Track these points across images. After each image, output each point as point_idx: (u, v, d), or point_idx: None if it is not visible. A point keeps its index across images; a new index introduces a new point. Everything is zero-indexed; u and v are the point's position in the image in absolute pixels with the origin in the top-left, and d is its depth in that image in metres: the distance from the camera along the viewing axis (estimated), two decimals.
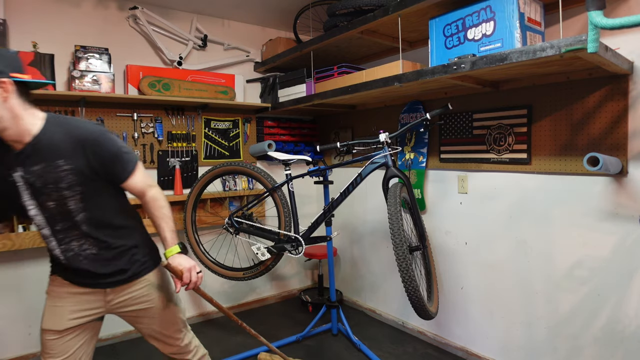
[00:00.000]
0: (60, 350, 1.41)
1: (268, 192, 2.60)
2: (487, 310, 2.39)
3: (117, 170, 1.35)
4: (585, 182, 1.94)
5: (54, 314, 1.42)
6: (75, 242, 1.36)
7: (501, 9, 1.75)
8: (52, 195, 1.27)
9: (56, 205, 1.29)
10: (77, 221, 1.33)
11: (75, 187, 1.28)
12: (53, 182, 1.25)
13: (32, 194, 1.27)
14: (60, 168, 1.25)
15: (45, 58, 2.41)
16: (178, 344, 1.62)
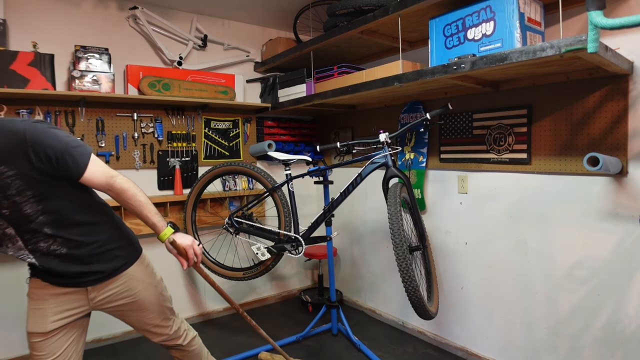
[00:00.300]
0: (48, 351, 1.39)
1: (268, 192, 2.60)
2: (487, 310, 2.39)
3: (69, 167, 1.24)
4: (585, 182, 1.94)
5: (37, 316, 1.39)
6: (43, 242, 1.30)
7: (501, 9, 1.75)
8: (3, 204, 1.19)
9: (10, 212, 1.21)
10: (38, 224, 1.26)
11: (25, 192, 1.19)
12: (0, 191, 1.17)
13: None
14: (3, 175, 1.15)
15: (45, 58, 2.41)
16: (167, 332, 1.62)
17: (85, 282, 1.42)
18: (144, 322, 1.58)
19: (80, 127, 2.63)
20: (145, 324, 1.58)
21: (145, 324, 1.58)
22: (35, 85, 2.37)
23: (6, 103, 2.40)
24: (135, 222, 2.63)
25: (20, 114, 2.43)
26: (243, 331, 2.95)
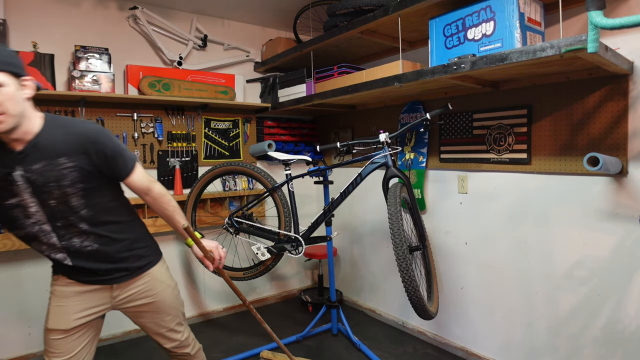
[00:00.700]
0: (66, 349, 1.41)
1: (268, 192, 2.60)
2: (487, 310, 2.39)
3: (119, 167, 1.37)
4: (585, 182, 1.94)
5: (60, 313, 1.41)
6: (77, 238, 1.36)
7: (501, 9, 1.75)
8: (54, 193, 1.28)
9: (58, 203, 1.29)
10: (78, 217, 1.33)
11: (77, 184, 1.30)
12: (55, 180, 1.27)
13: (32, 192, 1.26)
14: (62, 166, 1.27)
15: (45, 58, 2.41)
16: (179, 337, 1.64)
17: (112, 280, 1.45)
18: (160, 325, 1.59)
19: None
20: (161, 327, 1.59)
21: (160, 326, 1.59)
22: None
23: None
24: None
25: None
26: (243, 331, 2.95)
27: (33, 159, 1.25)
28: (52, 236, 1.33)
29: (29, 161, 1.24)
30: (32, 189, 1.26)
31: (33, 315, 2.54)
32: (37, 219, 1.30)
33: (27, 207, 1.28)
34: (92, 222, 1.36)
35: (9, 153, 1.24)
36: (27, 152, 1.24)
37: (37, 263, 2.55)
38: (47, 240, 1.33)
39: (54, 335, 1.40)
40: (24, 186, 1.25)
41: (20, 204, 1.27)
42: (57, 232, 1.33)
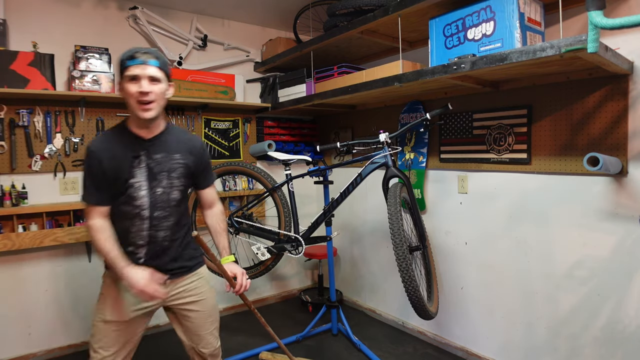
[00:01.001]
0: (120, 340, 1.52)
1: (268, 192, 2.60)
2: (487, 310, 2.39)
3: (206, 177, 1.66)
4: (585, 182, 1.94)
5: (118, 306, 1.51)
6: (162, 231, 1.53)
7: (501, 9, 1.75)
8: (163, 182, 1.49)
9: (163, 192, 1.50)
10: (171, 211, 1.53)
11: (182, 179, 1.54)
12: (167, 171, 1.50)
13: (147, 176, 1.47)
14: (175, 160, 1.52)
15: (45, 58, 2.41)
16: (216, 344, 1.71)
17: (170, 275, 1.56)
18: (202, 327, 1.66)
19: (80, 127, 2.63)
20: (203, 328, 1.66)
21: (202, 328, 1.66)
22: (35, 85, 2.37)
23: (6, 103, 2.40)
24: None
25: (20, 114, 2.43)
26: (243, 331, 2.95)
27: (156, 149, 1.49)
28: (145, 222, 1.49)
29: (152, 150, 1.48)
30: (148, 174, 1.47)
31: (33, 315, 2.54)
32: (141, 203, 1.47)
33: (139, 190, 1.46)
34: (177, 219, 1.56)
35: (140, 140, 1.48)
36: (153, 142, 1.50)
37: (37, 263, 2.55)
38: (139, 225, 1.49)
39: (113, 327, 1.50)
40: (143, 170, 1.47)
41: (134, 185, 1.45)
42: (152, 221, 1.50)
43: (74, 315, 2.66)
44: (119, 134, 1.49)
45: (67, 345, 2.64)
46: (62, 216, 2.54)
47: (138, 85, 1.40)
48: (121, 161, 1.44)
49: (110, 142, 1.47)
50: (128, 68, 1.40)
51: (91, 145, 1.45)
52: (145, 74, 1.40)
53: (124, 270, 1.41)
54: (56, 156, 2.56)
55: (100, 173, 1.43)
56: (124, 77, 1.42)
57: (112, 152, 1.44)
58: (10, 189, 2.40)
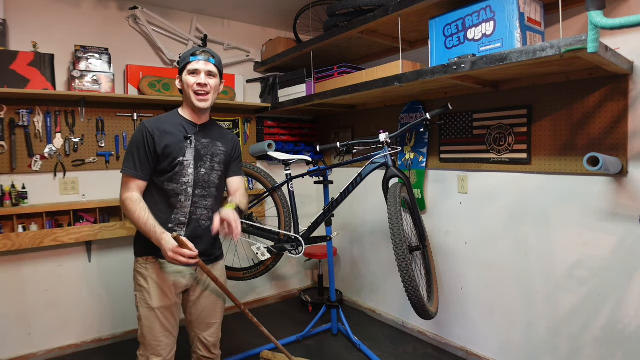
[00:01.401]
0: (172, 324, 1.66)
1: (268, 192, 2.60)
2: (487, 310, 2.39)
3: (237, 166, 1.85)
4: (585, 182, 1.94)
5: (163, 293, 1.62)
6: (202, 210, 1.68)
7: (501, 9, 1.75)
8: (207, 163, 1.68)
9: (205, 173, 1.68)
10: (211, 192, 1.70)
11: (221, 164, 1.74)
12: (211, 154, 1.69)
13: (195, 156, 1.65)
14: (218, 147, 1.73)
15: (45, 58, 2.41)
16: (219, 334, 1.84)
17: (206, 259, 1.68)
18: (212, 315, 1.79)
19: (80, 127, 2.63)
20: (213, 316, 1.79)
21: (212, 316, 1.79)
22: (35, 85, 2.37)
23: (6, 103, 2.40)
24: None
25: (20, 114, 2.43)
26: (243, 331, 2.95)
27: (204, 134, 1.70)
28: (189, 199, 1.64)
29: (201, 135, 1.69)
30: (196, 154, 1.65)
31: (33, 315, 2.54)
32: (187, 180, 1.63)
33: (187, 167, 1.63)
34: (214, 203, 1.73)
35: (191, 125, 1.68)
36: (202, 128, 1.70)
37: (37, 263, 2.55)
38: (183, 201, 1.63)
39: (162, 312, 1.62)
40: (192, 150, 1.64)
41: (183, 163, 1.62)
42: (194, 198, 1.65)
43: (74, 315, 2.66)
44: (172, 118, 1.67)
45: (67, 345, 2.64)
46: (62, 216, 2.54)
47: (197, 78, 1.61)
48: (174, 140, 1.60)
49: (164, 122, 1.63)
50: (190, 63, 1.61)
51: (145, 122, 1.62)
52: (205, 68, 1.62)
53: (162, 237, 1.49)
54: (56, 156, 2.56)
55: (150, 147, 1.57)
56: (185, 71, 1.62)
57: (166, 131, 1.61)
58: (10, 189, 2.40)
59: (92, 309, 2.71)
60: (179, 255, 1.47)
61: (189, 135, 1.64)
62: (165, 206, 1.63)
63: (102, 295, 2.74)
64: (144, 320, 1.63)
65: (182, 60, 1.66)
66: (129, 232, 2.65)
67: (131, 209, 1.54)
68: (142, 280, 1.63)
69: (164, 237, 1.49)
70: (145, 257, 1.64)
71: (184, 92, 1.66)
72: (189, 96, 1.63)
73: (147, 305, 1.62)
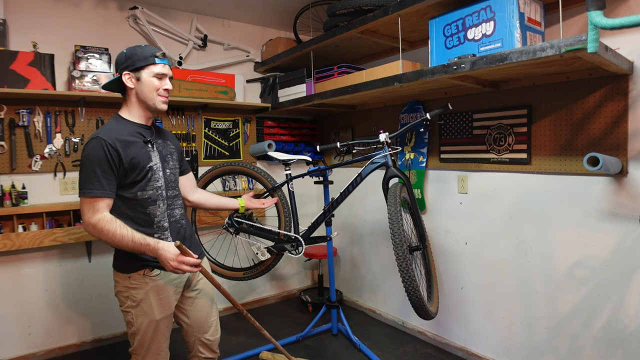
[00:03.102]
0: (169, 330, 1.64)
1: (268, 192, 2.59)
2: (487, 310, 2.39)
3: (185, 163, 1.85)
4: (585, 182, 1.94)
5: (163, 303, 1.59)
6: (177, 209, 1.68)
7: (501, 9, 1.75)
8: (169, 163, 1.67)
9: (171, 173, 1.66)
10: (178, 190, 1.72)
11: (176, 162, 1.72)
12: (169, 153, 1.68)
13: (160, 158, 1.62)
14: (170, 146, 1.71)
15: (45, 58, 2.41)
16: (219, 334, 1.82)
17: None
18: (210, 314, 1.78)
19: (80, 127, 2.63)
20: (210, 315, 1.78)
21: (210, 315, 1.78)
22: (35, 85, 2.37)
23: (6, 103, 2.40)
24: None
25: (20, 114, 2.43)
26: (243, 331, 2.95)
27: (157, 136, 1.66)
28: (165, 202, 1.61)
29: (156, 136, 1.65)
30: (160, 156, 1.62)
31: (33, 315, 2.54)
32: (160, 184, 1.60)
33: (157, 171, 1.59)
34: (181, 200, 1.73)
35: (144, 128, 1.62)
36: (153, 130, 1.66)
37: (37, 263, 2.55)
38: (162, 206, 1.60)
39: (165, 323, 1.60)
40: (156, 153, 1.61)
41: (153, 167, 1.57)
42: (168, 200, 1.63)
43: (74, 315, 2.66)
44: (124, 125, 1.56)
45: (67, 345, 2.64)
46: (62, 216, 2.55)
47: (164, 82, 1.59)
48: (137, 148, 1.53)
49: (119, 132, 1.51)
50: (156, 65, 1.56)
51: (100, 133, 1.46)
52: (169, 73, 1.61)
53: (158, 246, 1.43)
54: (56, 156, 2.56)
55: (116, 162, 1.46)
56: (146, 71, 1.55)
57: (127, 141, 1.51)
58: (10, 189, 2.40)
59: (92, 309, 2.71)
60: (183, 264, 1.42)
61: (148, 139, 1.58)
62: (142, 217, 1.54)
63: (102, 295, 2.74)
64: (144, 334, 1.55)
65: (140, 57, 1.54)
66: None
67: (109, 230, 1.40)
68: (140, 295, 1.54)
69: (160, 246, 1.42)
70: (141, 270, 1.54)
71: (141, 92, 1.55)
72: (149, 98, 1.56)
73: (149, 319, 1.55)
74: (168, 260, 1.42)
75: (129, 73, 1.54)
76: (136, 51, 1.56)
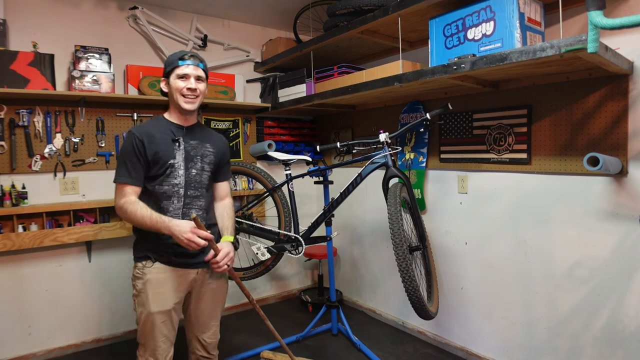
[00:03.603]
0: (169, 328, 1.65)
1: (268, 192, 2.60)
2: (487, 310, 2.39)
3: (225, 171, 1.87)
4: (585, 182, 1.94)
5: (160, 298, 1.62)
6: (196, 210, 1.69)
7: (501, 9, 1.75)
8: (197, 164, 1.71)
9: (197, 173, 1.70)
10: (202, 192, 1.72)
11: (211, 164, 1.76)
12: (200, 155, 1.72)
13: (185, 157, 1.67)
14: (207, 148, 1.75)
15: (45, 58, 2.41)
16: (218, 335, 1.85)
17: (199, 264, 1.70)
18: (212, 315, 1.80)
19: (80, 127, 2.63)
20: (213, 316, 1.80)
21: (212, 316, 1.80)
22: (35, 85, 2.37)
23: (6, 103, 2.40)
24: None
25: (20, 114, 2.43)
26: (244, 330, 2.95)
27: (192, 136, 1.72)
28: (181, 200, 1.65)
29: (189, 136, 1.71)
30: (185, 155, 1.68)
31: (33, 315, 2.54)
32: (179, 181, 1.65)
33: (177, 169, 1.65)
34: (207, 204, 1.75)
35: (178, 127, 1.70)
36: (189, 130, 1.73)
37: (37, 263, 2.55)
38: (176, 203, 1.64)
39: (159, 318, 1.61)
40: (181, 152, 1.67)
41: (174, 165, 1.64)
42: (186, 199, 1.67)
43: (74, 315, 2.66)
44: (159, 123, 1.70)
45: (67, 345, 2.64)
46: (62, 216, 2.54)
47: (187, 82, 1.65)
48: (163, 144, 1.63)
49: (151, 128, 1.66)
50: (179, 67, 1.64)
51: (133, 128, 1.64)
52: (194, 73, 1.66)
53: (170, 224, 1.52)
54: (56, 156, 2.56)
55: (142, 153, 1.59)
56: (173, 74, 1.65)
57: (154, 136, 1.63)
58: (10, 189, 2.40)
59: (92, 309, 2.71)
60: (196, 235, 1.51)
61: (176, 138, 1.67)
62: (158, 209, 1.62)
63: (102, 295, 2.74)
64: (143, 324, 1.63)
65: (169, 63, 1.68)
66: (129, 232, 2.65)
67: (132, 210, 1.55)
68: (140, 285, 1.63)
69: (174, 222, 1.53)
70: (143, 261, 1.65)
71: (171, 95, 1.69)
72: (175, 99, 1.66)
73: (144, 310, 1.62)
74: (182, 234, 1.50)
75: (164, 80, 1.71)
76: (168, 58, 1.71)
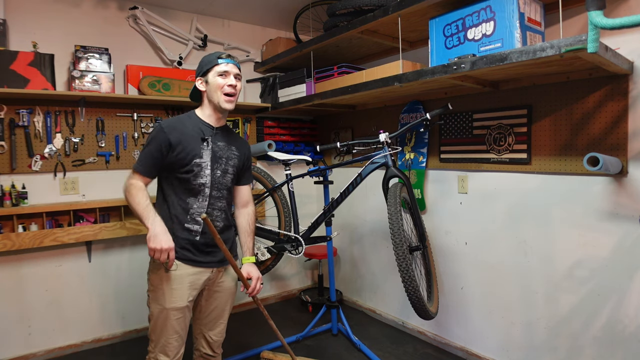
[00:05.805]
0: (182, 325, 1.66)
1: (268, 192, 2.60)
2: (487, 310, 2.39)
3: (248, 175, 1.89)
4: (585, 182, 1.94)
5: (176, 294, 1.62)
6: (217, 210, 1.72)
7: (501, 9, 1.75)
8: (222, 166, 1.72)
9: (221, 174, 1.71)
10: (224, 193, 1.74)
11: (235, 168, 1.77)
12: (226, 157, 1.73)
13: (211, 158, 1.68)
14: (232, 151, 1.76)
15: (45, 58, 2.41)
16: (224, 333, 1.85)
17: (214, 263, 1.72)
18: (223, 314, 1.81)
19: (80, 127, 2.63)
20: (222, 316, 1.81)
21: (221, 316, 1.81)
22: (35, 85, 2.37)
23: (6, 103, 2.40)
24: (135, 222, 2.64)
25: (20, 114, 2.43)
26: (244, 330, 2.95)
27: (220, 137, 1.74)
28: (206, 199, 1.67)
29: (217, 137, 1.73)
30: (212, 156, 1.69)
31: (33, 315, 2.54)
32: (205, 181, 1.66)
33: (204, 168, 1.66)
34: (227, 203, 1.77)
35: (209, 127, 1.72)
36: (219, 131, 1.74)
37: (37, 263, 2.55)
38: (201, 201, 1.67)
39: (174, 314, 1.62)
40: (209, 152, 1.68)
41: (201, 164, 1.65)
42: (210, 199, 1.68)
43: (74, 315, 2.66)
44: (190, 119, 1.72)
45: (67, 345, 2.64)
46: (62, 216, 2.55)
47: (228, 79, 1.66)
48: (190, 141, 1.64)
49: (182, 123, 1.68)
50: (219, 65, 1.66)
51: (163, 122, 1.65)
52: (233, 71, 1.68)
53: (150, 222, 1.53)
54: (56, 156, 2.56)
55: (165, 147, 1.60)
56: (212, 72, 1.66)
57: (182, 131, 1.64)
58: (10, 189, 2.40)
59: (92, 309, 2.71)
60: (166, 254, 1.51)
61: (205, 137, 1.68)
62: (181, 205, 1.65)
63: (101, 295, 2.74)
64: (155, 320, 1.64)
65: (206, 62, 1.69)
66: (128, 232, 2.65)
67: (133, 194, 1.57)
68: (155, 280, 1.64)
69: (151, 223, 1.52)
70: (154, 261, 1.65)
71: (209, 93, 1.69)
72: (215, 97, 1.67)
73: (159, 305, 1.62)
74: (155, 239, 1.51)
75: (200, 78, 1.71)
76: (204, 59, 1.72)
